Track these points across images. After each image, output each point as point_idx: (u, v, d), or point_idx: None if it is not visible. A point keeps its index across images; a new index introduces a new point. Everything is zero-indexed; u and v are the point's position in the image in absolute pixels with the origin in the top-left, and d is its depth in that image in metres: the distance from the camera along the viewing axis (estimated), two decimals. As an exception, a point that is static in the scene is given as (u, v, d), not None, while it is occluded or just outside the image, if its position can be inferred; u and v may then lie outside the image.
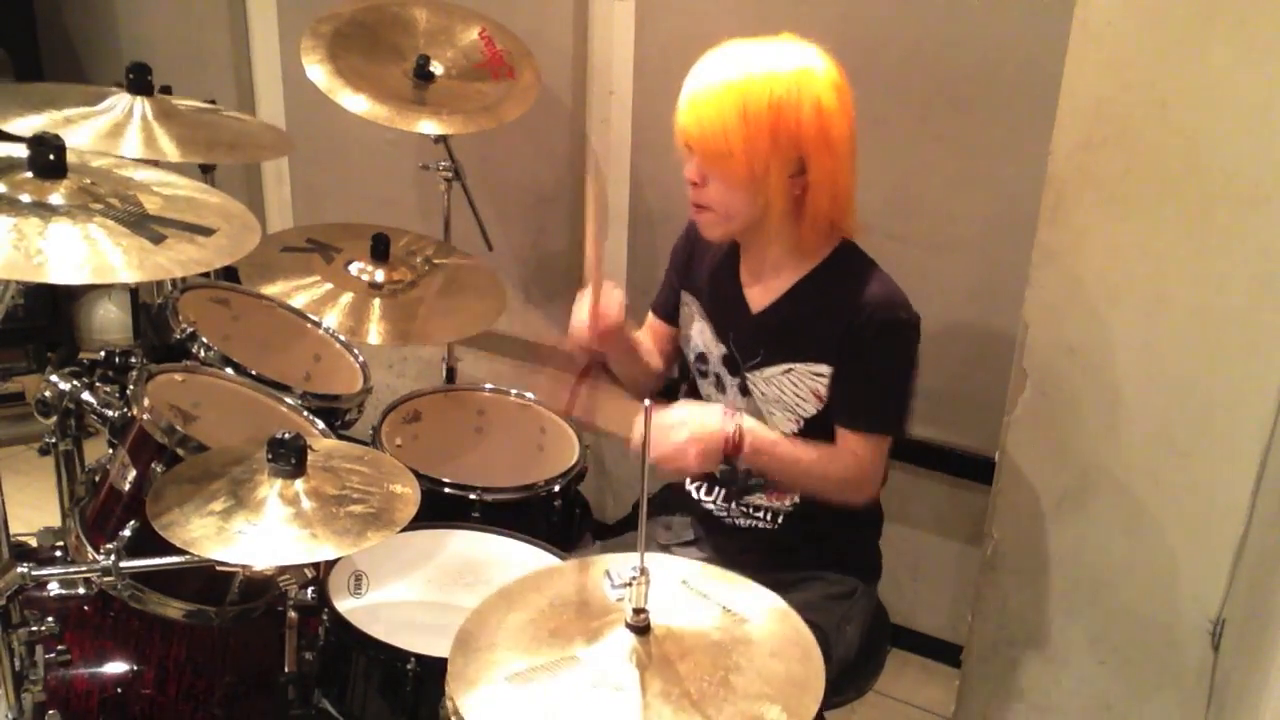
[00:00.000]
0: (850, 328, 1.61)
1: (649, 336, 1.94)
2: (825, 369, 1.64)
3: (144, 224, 1.44)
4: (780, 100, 1.52)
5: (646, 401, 1.14)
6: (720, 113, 1.53)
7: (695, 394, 1.83)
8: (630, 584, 1.13)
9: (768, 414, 1.71)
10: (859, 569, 1.78)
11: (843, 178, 1.59)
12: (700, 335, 1.81)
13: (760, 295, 1.72)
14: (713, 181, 1.60)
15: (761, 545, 1.75)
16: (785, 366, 1.67)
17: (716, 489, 1.80)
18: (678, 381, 1.93)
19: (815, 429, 1.67)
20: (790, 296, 1.68)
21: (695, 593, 1.24)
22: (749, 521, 1.77)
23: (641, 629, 1.14)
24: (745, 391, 1.74)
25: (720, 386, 1.78)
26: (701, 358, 1.80)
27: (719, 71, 1.56)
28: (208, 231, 1.48)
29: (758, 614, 1.22)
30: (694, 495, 1.82)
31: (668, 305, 1.91)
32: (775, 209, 1.59)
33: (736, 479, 1.77)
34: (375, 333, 2.15)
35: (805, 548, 1.74)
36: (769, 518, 1.75)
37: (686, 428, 1.57)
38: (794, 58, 1.55)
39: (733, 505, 1.78)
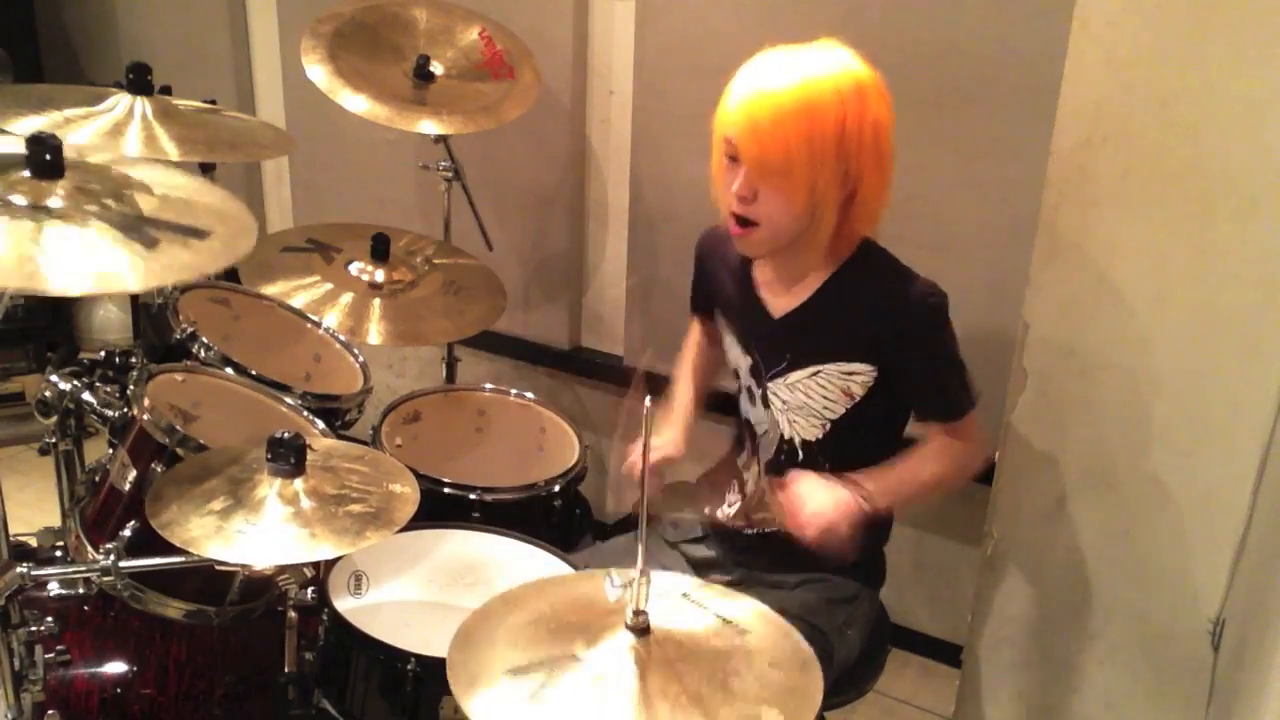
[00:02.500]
0: (895, 327, 1.59)
1: (703, 337, 1.93)
2: (861, 367, 1.61)
3: (138, 227, 1.42)
4: (845, 119, 1.48)
5: (647, 403, 1.14)
6: (784, 129, 1.47)
7: (738, 411, 1.81)
8: (630, 585, 1.13)
9: (789, 422, 1.69)
10: (863, 573, 1.77)
11: (886, 193, 1.58)
12: (731, 350, 1.78)
13: (782, 300, 1.68)
14: (765, 198, 1.53)
15: (767, 547, 1.75)
16: (813, 369, 1.64)
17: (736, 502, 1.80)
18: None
19: (843, 431, 1.65)
20: (817, 299, 1.65)
21: (695, 605, 1.24)
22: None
23: (641, 630, 1.14)
24: (765, 403, 1.72)
25: (752, 399, 1.75)
26: (736, 373, 1.78)
27: (780, 81, 1.48)
28: (202, 234, 1.47)
29: (757, 626, 1.22)
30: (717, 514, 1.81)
31: (704, 301, 1.89)
32: (825, 225, 1.55)
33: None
34: (375, 333, 2.15)
35: (810, 551, 1.73)
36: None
37: (825, 515, 1.54)
38: (853, 71, 1.51)
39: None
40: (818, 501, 1.55)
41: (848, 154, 1.50)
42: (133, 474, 1.61)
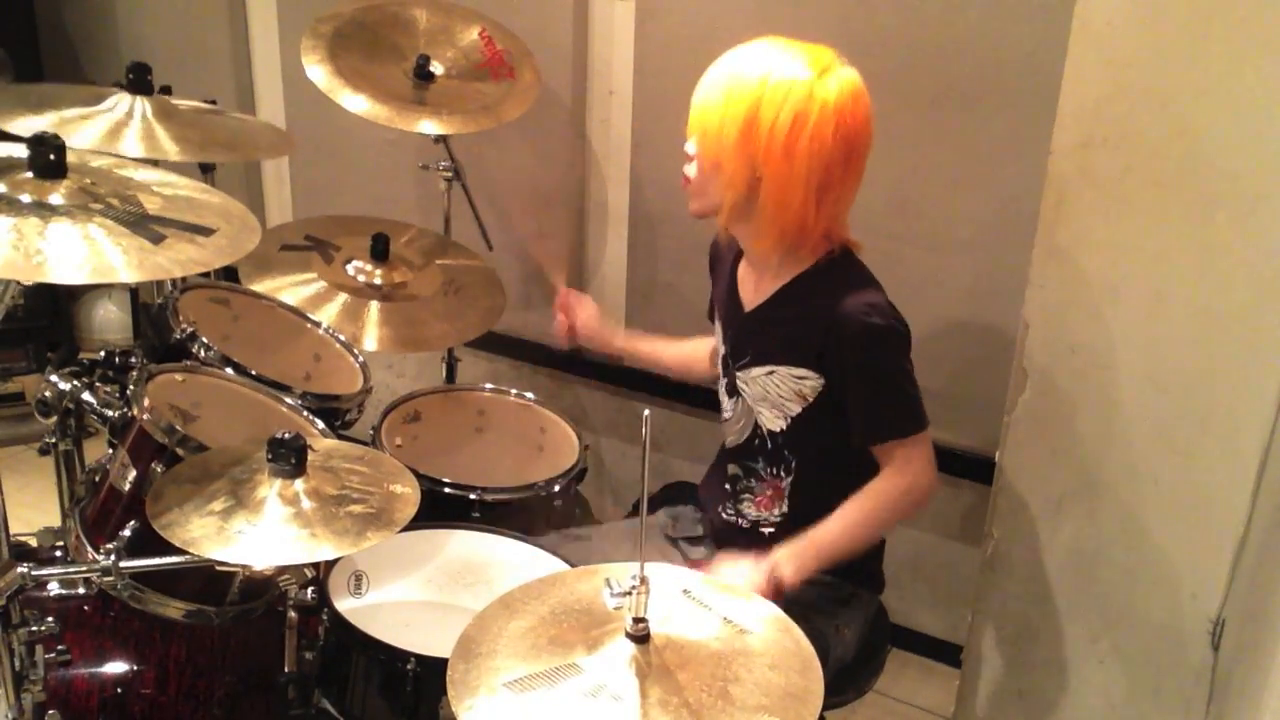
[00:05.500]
0: (828, 341, 1.62)
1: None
2: (806, 373, 1.65)
3: (144, 224, 1.44)
4: (763, 95, 1.54)
5: (646, 412, 1.14)
6: (712, 87, 1.59)
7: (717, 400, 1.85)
8: (630, 593, 1.13)
9: (758, 412, 1.72)
10: (858, 576, 1.77)
11: (794, 193, 1.57)
12: (717, 338, 1.85)
13: (752, 295, 1.74)
14: (696, 157, 1.65)
15: (763, 548, 1.75)
16: (769, 368, 1.69)
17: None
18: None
19: (803, 425, 1.69)
20: (776, 299, 1.69)
21: (696, 603, 1.24)
22: (751, 523, 1.77)
23: (641, 638, 1.14)
24: (733, 391, 1.76)
25: (721, 384, 1.81)
26: (718, 360, 1.84)
27: (732, 59, 1.60)
28: (208, 231, 1.48)
29: (758, 625, 1.22)
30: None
31: (712, 310, 1.93)
32: (726, 203, 1.63)
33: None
34: (375, 339, 2.14)
35: None
36: (764, 524, 1.76)
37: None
38: (804, 68, 1.55)
39: (733, 506, 1.79)
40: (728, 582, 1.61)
41: (753, 146, 1.56)
42: (133, 474, 1.61)
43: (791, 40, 1.60)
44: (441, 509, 1.92)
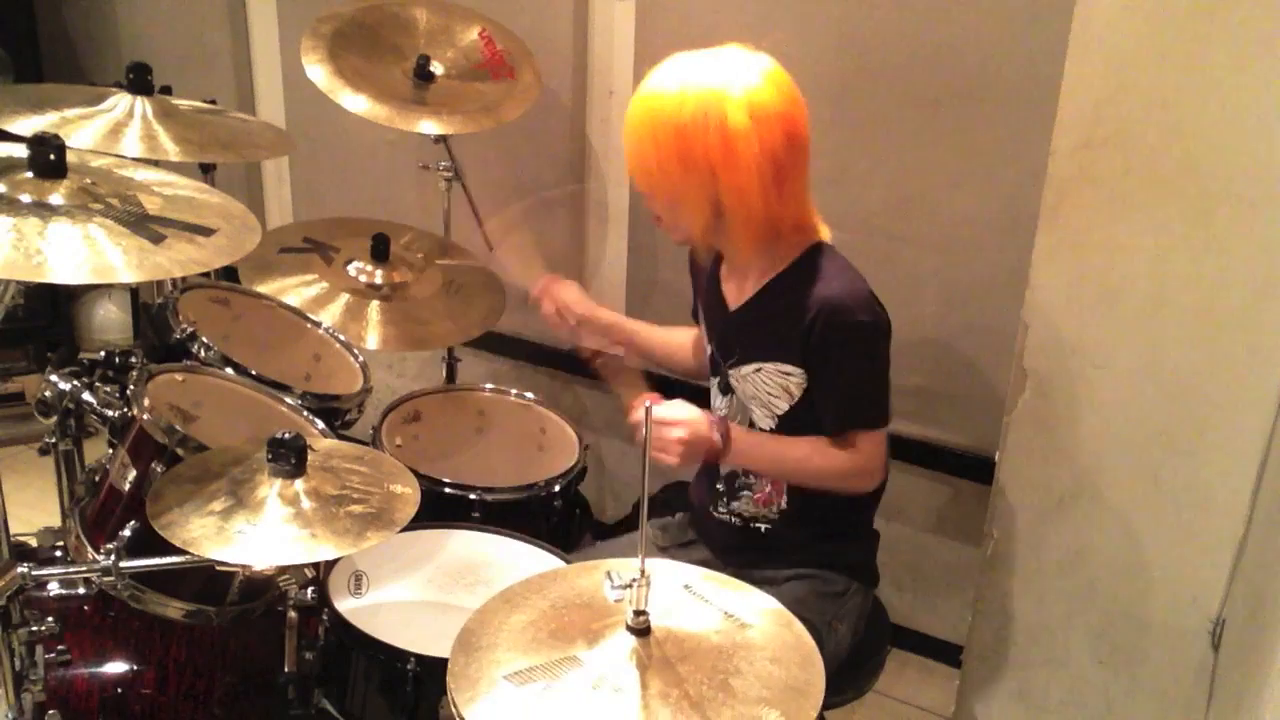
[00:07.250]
0: (809, 334, 1.62)
1: (695, 341, 1.99)
2: (792, 369, 1.66)
3: (144, 224, 1.44)
4: (686, 125, 1.53)
5: (647, 403, 1.15)
6: (638, 136, 1.59)
7: (707, 397, 1.84)
8: (630, 586, 1.13)
9: (751, 410, 1.73)
10: (852, 571, 1.78)
11: (754, 196, 1.57)
12: (702, 339, 1.86)
13: (736, 295, 1.75)
14: (653, 198, 1.67)
15: (756, 545, 1.76)
16: (756, 365, 1.70)
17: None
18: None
19: (792, 424, 1.69)
20: (759, 297, 1.70)
21: (697, 598, 1.24)
22: (743, 522, 1.77)
23: (641, 631, 1.14)
24: (726, 389, 1.77)
25: (716, 385, 1.81)
26: (707, 359, 1.85)
27: (644, 96, 1.59)
28: (208, 231, 1.48)
29: (759, 619, 1.22)
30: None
31: (696, 310, 1.93)
32: (697, 229, 1.64)
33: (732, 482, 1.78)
34: (377, 338, 2.14)
35: (799, 549, 1.74)
36: (759, 521, 1.76)
37: (684, 428, 1.60)
38: (711, 76, 1.55)
39: (727, 505, 1.79)
40: (672, 412, 1.62)
41: (697, 158, 1.54)
42: (133, 474, 1.61)
43: (695, 51, 1.60)
44: (441, 509, 1.92)
